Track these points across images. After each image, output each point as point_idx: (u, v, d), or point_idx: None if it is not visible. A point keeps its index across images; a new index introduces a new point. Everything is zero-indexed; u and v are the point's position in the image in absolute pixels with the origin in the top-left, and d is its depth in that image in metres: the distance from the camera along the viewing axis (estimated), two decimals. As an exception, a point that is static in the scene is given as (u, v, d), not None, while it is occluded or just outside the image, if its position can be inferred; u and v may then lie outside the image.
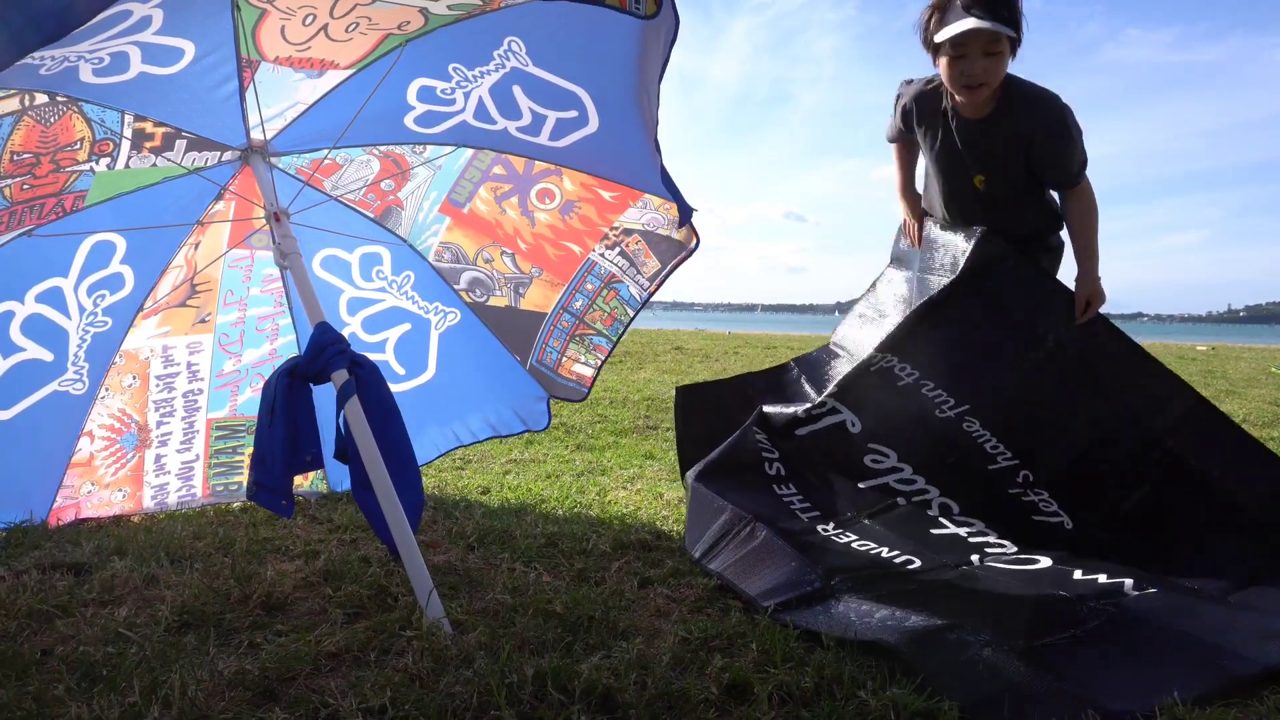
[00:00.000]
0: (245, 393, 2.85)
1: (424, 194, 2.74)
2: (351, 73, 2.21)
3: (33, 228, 2.31)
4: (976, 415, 2.50)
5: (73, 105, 2.07)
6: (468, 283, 2.85)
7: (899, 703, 1.45)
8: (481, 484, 3.20)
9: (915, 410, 2.56)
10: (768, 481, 2.49)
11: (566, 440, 4.14)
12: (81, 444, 2.64)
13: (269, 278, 2.80)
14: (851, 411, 2.61)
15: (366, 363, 2.01)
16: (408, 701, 1.44)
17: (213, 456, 2.85)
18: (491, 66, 2.26)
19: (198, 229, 2.61)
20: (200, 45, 1.91)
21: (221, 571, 2.11)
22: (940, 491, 2.47)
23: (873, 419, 2.60)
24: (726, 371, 7.47)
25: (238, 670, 1.55)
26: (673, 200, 2.51)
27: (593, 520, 2.67)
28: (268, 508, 1.98)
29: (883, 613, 1.73)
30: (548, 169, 2.62)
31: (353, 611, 1.88)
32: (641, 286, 2.70)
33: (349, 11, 1.96)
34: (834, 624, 1.74)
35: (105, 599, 1.97)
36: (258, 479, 1.95)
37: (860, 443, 2.58)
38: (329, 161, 2.61)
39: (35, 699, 1.47)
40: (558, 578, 2.11)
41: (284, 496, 1.97)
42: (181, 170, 2.34)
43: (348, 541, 2.42)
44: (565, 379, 2.85)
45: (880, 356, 2.60)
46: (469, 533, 2.47)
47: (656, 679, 1.53)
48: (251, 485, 1.96)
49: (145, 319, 2.66)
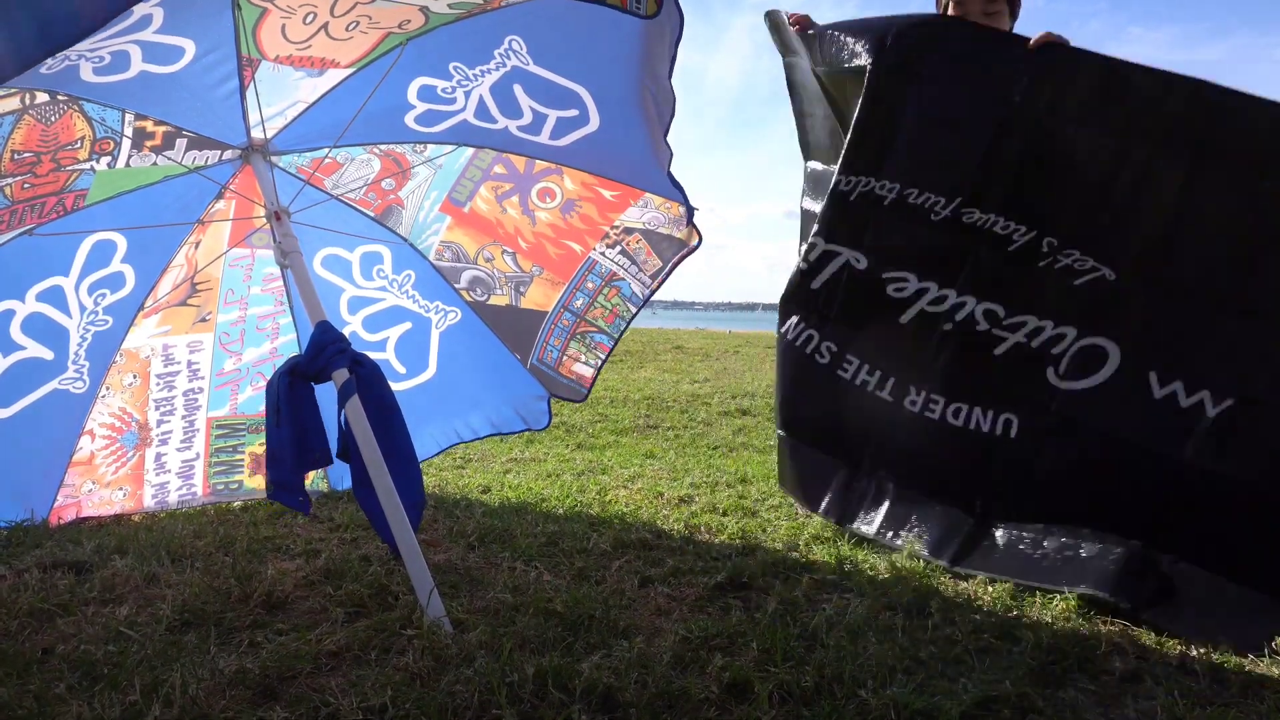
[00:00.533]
0: (246, 391, 2.85)
1: (425, 193, 2.74)
2: (352, 71, 2.21)
3: (33, 226, 2.31)
4: (973, 203, 2.28)
5: (73, 104, 2.07)
6: (468, 281, 2.85)
7: (899, 701, 1.45)
8: (482, 483, 3.20)
9: (911, 224, 2.35)
10: (831, 378, 2.44)
11: (567, 439, 4.15)
12: (82, 443, 2.64)
13: (270, 277, 2.80)
14: (848, 248, 2.44)
15: (367, 361, 2.01)
16: (408, 700, 1.44)
17: (213, 455, 2.85)
18: (492, 65, 2.25)
19: (198, 228, 2.61)
20: (201, 44, 1.91)
21: (222, 570, 2.11)
22: (976, 298, 2.27)
23: (873, 249, 2.41)
24: (727, 371, 7.48)
25: (238, 669, 1.55)
26: (674, 200, 2.52)
27: (593, 519, 2.67)
28: (287, 505, 2.00)
29: (1050, 543, 1.94)
30: (548, 168, 2.61)
31: (353, 610, 1.88)
32: (643, 284, 2.70)
33: (349, 10, 1.96)
34: (1012, 567, 2.01)
35: (106, 597, 1.97)
36: (274, 478, 1.96)
37: (875, 275, 2.41)
38: (330, 160, 2.61)
39: (36, 697, 1.47)
40: (558, 577, 2.11)
41: (300, 493, 1.98)
42: (182, 169, 2.34)
43: (348, 540, 2.42)
44: (566, 378, 2.85)
45: (847, 180, 2.43)
46: (470, 531, 2.47)
47: (657, 678, 1.53)
48: (269, 485, 1.98)
49: (146, 318, 2.66)
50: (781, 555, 2.28)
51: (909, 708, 1.44)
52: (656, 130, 2.34)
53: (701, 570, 2.15)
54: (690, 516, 2.69)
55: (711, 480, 3.24)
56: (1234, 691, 1.57)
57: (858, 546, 2.37)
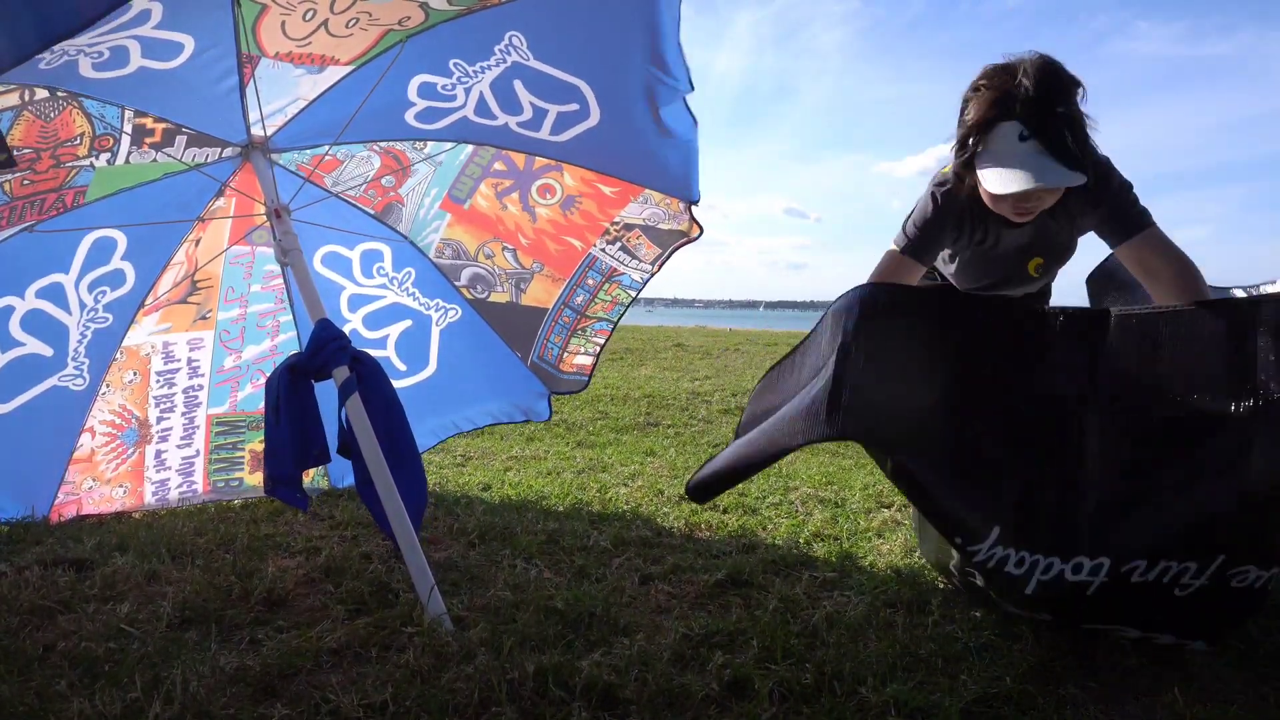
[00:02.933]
0: (246, 389, 2.85)
1: (425, 190, 2.74)
2: (352, 69, 2.20)
3: (33, 223, 2.30)
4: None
5: (73, 100, 2.07)
6: (468, 279, 2.84)
7: (899, 699, 1.45)
8: (483, 480, 3.20)
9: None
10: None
11: (567, 437, 4.14)
12: (83, 440, 2.64)
13: (270, 274, 2.80)
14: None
15: (367, 359, 2.01)
16: (409, 698, 1.44)
17: (213, 452, 2.85)
18: (492, 61, 2.25)
19: (198, 225, 2.60)
20: (200, 40, 1.91)
21: (223, 568, 2.11)
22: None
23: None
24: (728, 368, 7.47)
25: (239, 666, 1.56)
26: (674, 196, 2.51)
27: (593, 517, 2.67)
28: (286, 502, 1.99)
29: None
30: (548, 164, 2.61)
31: (354, 608, 1.88)
32: (644, 272, 2.70)
33: (349, 7, 1.95)
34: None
35: (107, 595, 1.97)
36: (272, 474, 1.96)
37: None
38: (330, 158, 2.60)
39: (37, 694, 1.47)
40: (559, 574, 2.12)
41: (298, 489, 1.99)
42: (182, 166, 2.34)
43: (349, 538, 2.43)
44: (567, 373, 2.85)
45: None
46: (470, 529, 2.47)
47: (657, 675, 1.53)
48: (268, 480, 1.98)
49: (146, 315, 2.65)
50: (782, 553, 2.28)
51: (909, 705, 1.44)
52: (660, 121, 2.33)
53: (702, 568, 2.15)
54: (690, 514, 2.69)
55: (712, 478, 3.24)
56: (1236, 689, 1.57)
57: (857, 544, 2.37)
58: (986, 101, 1.72)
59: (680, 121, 2.35)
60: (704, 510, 2.74)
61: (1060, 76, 1.69)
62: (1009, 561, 1.56)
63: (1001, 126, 1.71)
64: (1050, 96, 1.67)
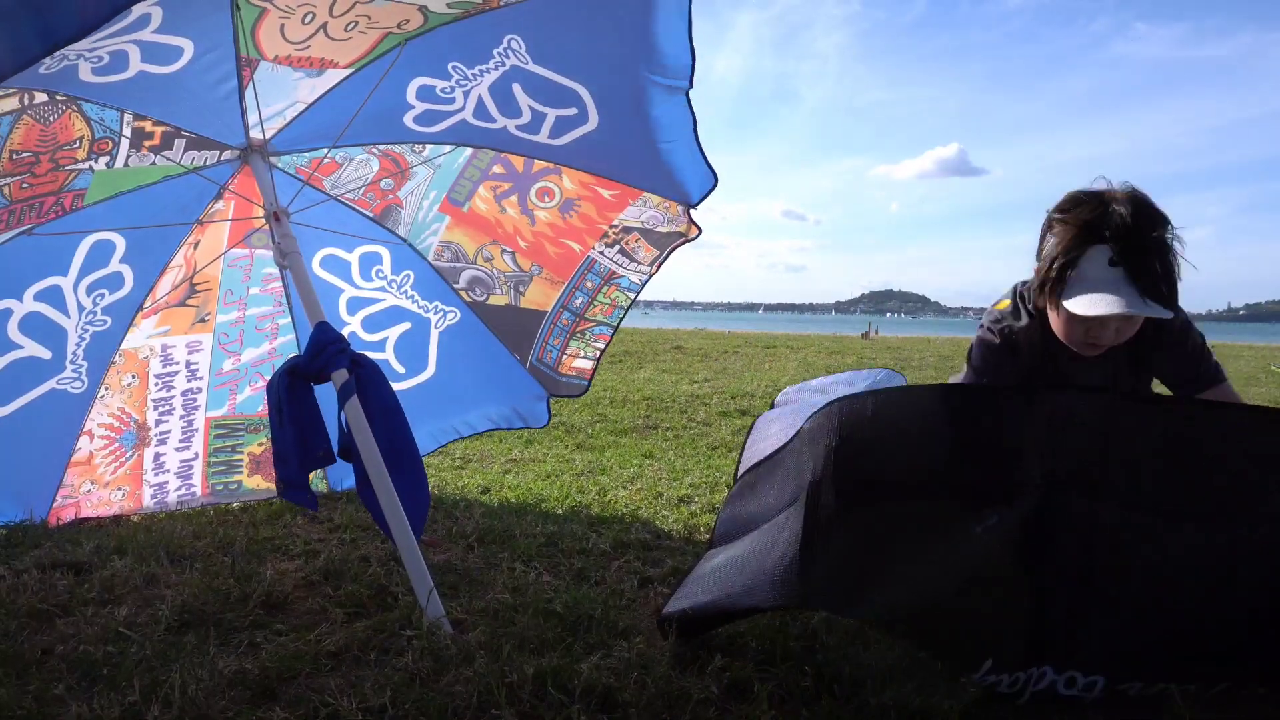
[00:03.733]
0: (244, 392, 2.85)
1: (423, 193, 2.74)
2: (351, 72, 2.21)
3: (32, 226, 2.30)
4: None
5: (72, 104, 2.07)
6: (467, 281, 2.85)
7: (899, 702, 1.45)
8: (481, 483, 3.19)
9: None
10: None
11: (566, 440, 4.14)
12: (81, 443, 2.63)
13: (269, 277, 2.80)
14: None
15: (367, 362, 2.01)
16: (408, 701, 1.44)
17: (211, 455, 2.85)
18: (491, 65, 2.25)
19: (197, 228, 2.60)
20: (199, 44, 1.91)
21: (221, 571, 2.11)
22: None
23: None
24: (726, 371, 7.48)
25: (238, 669, 1.55)
26: (672, 199, 2.52)
27: (592, 519, 2.67)
28: (297, 503, 2.01)
29: None
30: (547, 167, 2.61)
31: (353, 611, 1.88)
32: (642, 273, 2.70)
33: (348, 10, 1.96)
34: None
35: (105, 598, 1.97)
36: (283, 477, 1.97)
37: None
38: (329, 161, 2.61)
39: (36, 698, 1.47)
40: (558, 577, 2.11)
41: (307, 491, 1.99)
42: (181, 169, 2.34)
43: (348, 541, 2.42)
44: (566, 376, 2.85)
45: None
46: (469, 532, 2.47)
47: (657, 678, 1.52)
48: (279, 483, 1.98)
49: (144, 318, 2.65)
50: (781, 555, 2.28)
51: (909, 708, 1.44)
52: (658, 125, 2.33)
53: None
54: (690, 517, 2.69)
55: (711, 480, 3.24)
56: (1239, 694, 1.57)
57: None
58: (1078, 225, 1.68)
59: (680, 123, 2.35)
60: (703, 513, 2.74)
61: (1152, 205, 1.68)
62: (1002, 684, 1.50)
63: (1090, 251, 1.66)
64: (1142, 225, 1.64)
